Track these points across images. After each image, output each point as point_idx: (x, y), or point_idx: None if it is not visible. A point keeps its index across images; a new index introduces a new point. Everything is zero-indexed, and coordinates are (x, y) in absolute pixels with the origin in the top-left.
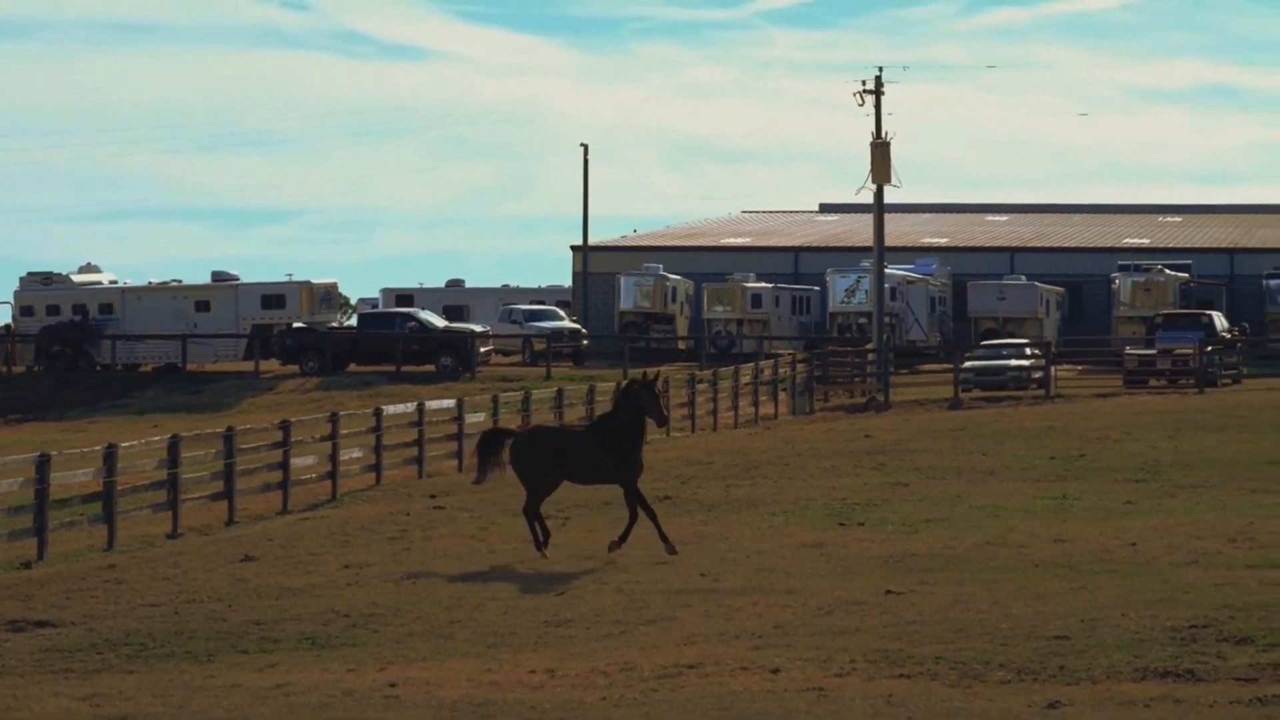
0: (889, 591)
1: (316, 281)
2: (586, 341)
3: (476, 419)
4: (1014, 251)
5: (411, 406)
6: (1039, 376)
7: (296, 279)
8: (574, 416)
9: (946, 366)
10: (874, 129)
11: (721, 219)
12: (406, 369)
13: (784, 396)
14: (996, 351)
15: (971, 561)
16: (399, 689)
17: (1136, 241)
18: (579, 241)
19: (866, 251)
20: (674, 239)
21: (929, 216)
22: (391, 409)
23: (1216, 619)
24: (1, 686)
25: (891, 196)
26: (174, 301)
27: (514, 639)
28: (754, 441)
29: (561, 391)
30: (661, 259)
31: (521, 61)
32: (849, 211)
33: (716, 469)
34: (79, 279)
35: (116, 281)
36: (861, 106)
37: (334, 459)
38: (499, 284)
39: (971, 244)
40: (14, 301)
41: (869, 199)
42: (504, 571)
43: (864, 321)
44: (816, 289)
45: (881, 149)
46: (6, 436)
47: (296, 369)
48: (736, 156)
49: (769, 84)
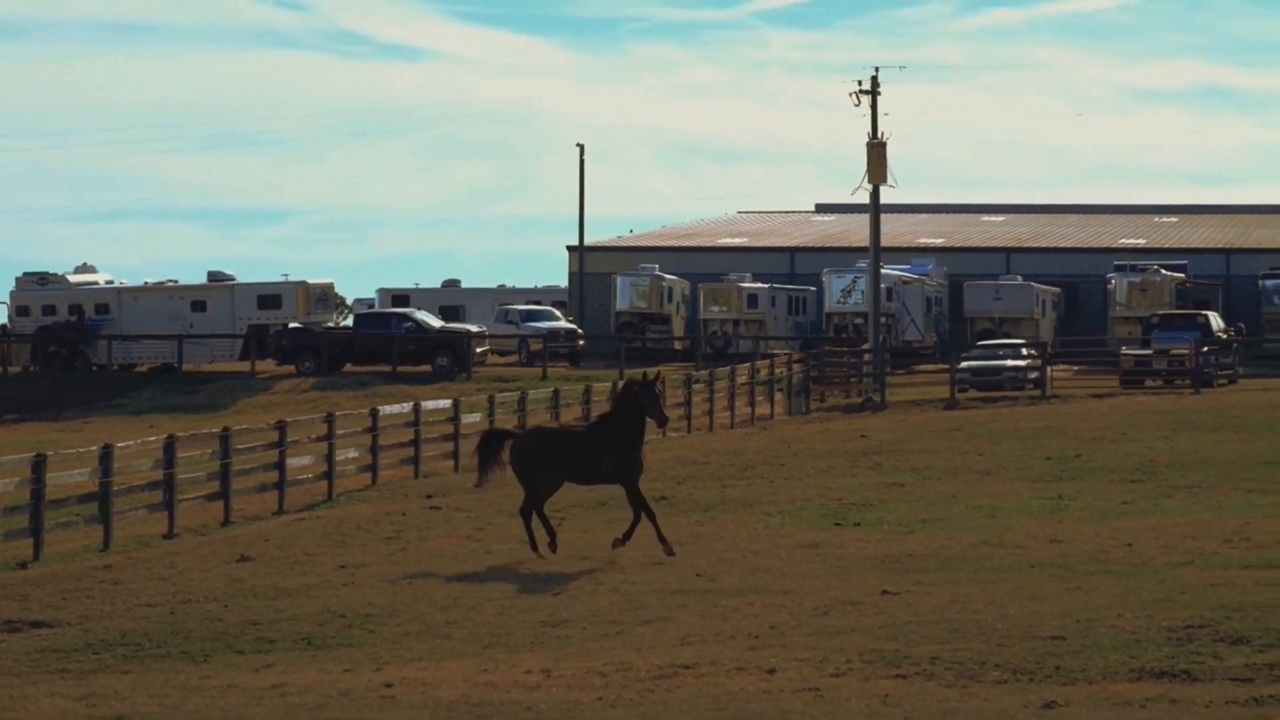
0: (885, 592)
1: (312, 282)
2: (583, 342)
3: (473, 419)
4: (1010, 252)
5: (408, 407)
6: (1035, 377)
7: (293, 279)
8: (570, 417)
9: (942, 367)
10: (870, 129)
11: (717, 219)
12: (403, 369)
13: (780, 397)
14: (993, 352)
15: (967, 562)
16: (395, 689)
17: (1132, 242)
18: (575, 242)
19: (862, 252)
20: (670, 239)
21: (925, 217)
22: (388, 409)
23: (1212, 619)
24: None
25: (887, 197)
26: (170, 302)
27: (510, 639)
28: (750, 442)
29: (558, 392)
30: (657, 259)
31: (518, 62)
32: (845, 212)
33: (712, 469)
34: (75, 279)
35: (112, 281)
36: (858, 107)
37: (330, 459)
38: (495, 284)
39: (967, 244)
40: (10, 301)
41: (865, 199)
42: (500, 572)
43: (860, 322)
44: (812, 289)
45: (877, 149)
46: (2, 437)
47: (293, 369)
48: (732, 157)
49: (765, 84)
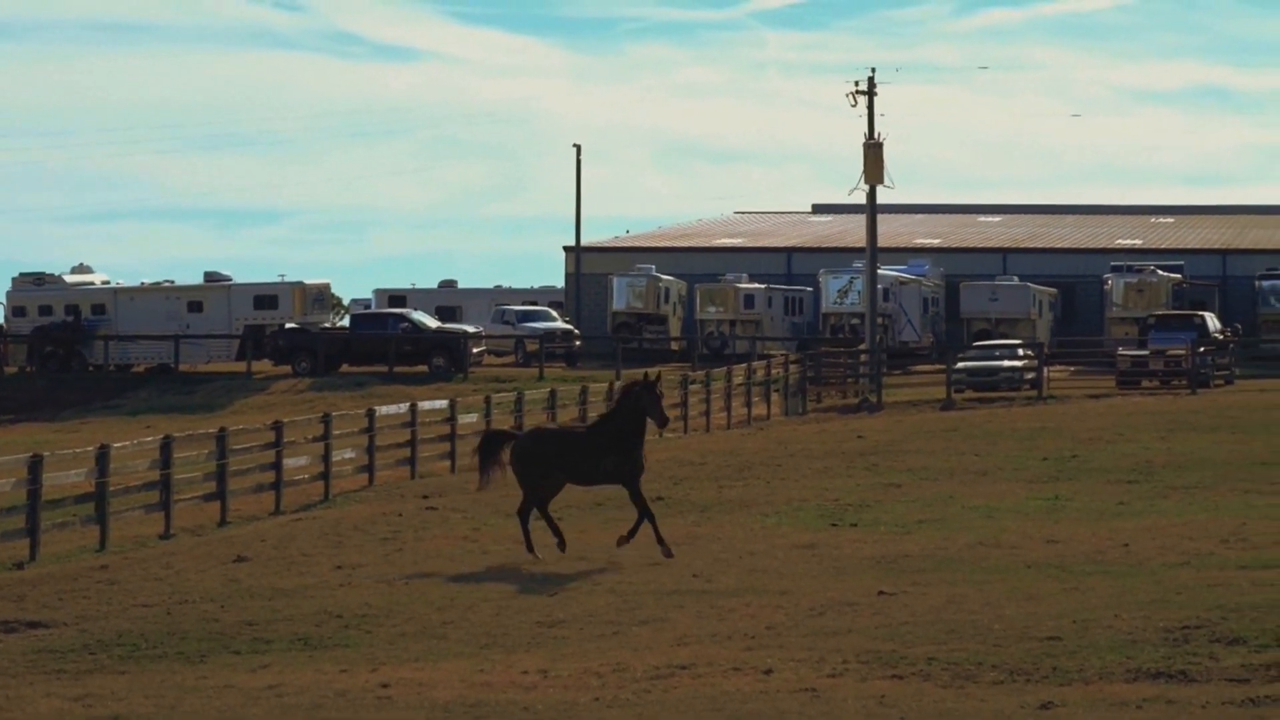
0: (881, 592)
1: (309, 282)
2: (579, 342)
3: (469, 420)
4: (1006, 252)
5: (404, 407)
6: (1031, 377)
7: (289, 279)
8: (567, 417)
9: (939, 367)
10: (866, 130)
11: (714, 220)
12: (399, 370)
13: (776, 397)
14: (989, 352)
15: (964, 562)
16: (392, 690)
17: (1129, 242)
18: (572, 242)
19: (859, 252)
20: (667, 240)
21: (922, 217)
22: (384, 410)
23: (1209, 620)
24: None
25: (884, 197)
26: (166, 302)
27: (507, 640)
28: (747, 442)
29: (554, 392)
30: (654, 260)
31: (514, 62)
32: (842, 212)
33: (709, 470)
34: (71, 279)
35: (109, 282)
36: (854, 107)
37: (326, 460)
38: (492, 285)
39: (964, 245)
40: (6, 302)
41: (862, 200)
42: (497, 572)
43: (856, 322)
44: (809, 290)
45: (874, 150)
46: None
47: (289, 369)
48: (729, 157)
49: (762, 85)
